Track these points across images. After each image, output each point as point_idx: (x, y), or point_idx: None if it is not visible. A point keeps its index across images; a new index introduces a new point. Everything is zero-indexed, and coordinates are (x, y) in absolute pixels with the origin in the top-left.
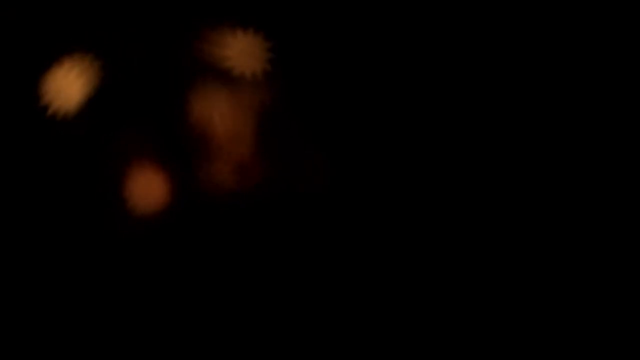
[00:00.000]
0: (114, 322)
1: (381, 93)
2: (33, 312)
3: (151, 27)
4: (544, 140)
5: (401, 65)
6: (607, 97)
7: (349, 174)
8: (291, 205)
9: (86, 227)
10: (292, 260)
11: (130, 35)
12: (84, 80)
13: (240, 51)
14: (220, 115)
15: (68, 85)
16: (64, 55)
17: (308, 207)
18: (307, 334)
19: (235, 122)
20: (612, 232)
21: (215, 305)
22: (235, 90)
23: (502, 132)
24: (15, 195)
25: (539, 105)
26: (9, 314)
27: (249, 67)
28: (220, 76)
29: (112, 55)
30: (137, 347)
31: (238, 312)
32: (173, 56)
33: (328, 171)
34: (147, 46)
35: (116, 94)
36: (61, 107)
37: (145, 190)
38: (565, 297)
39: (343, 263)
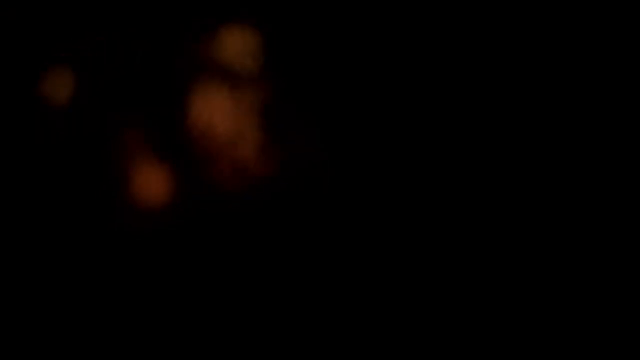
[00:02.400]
0: (115, 320)
1: (382, 91)
2: (34, 310)
3: (151, 27)
4: (544, 140)
5: (401, 63)
6: (607, 97)
7: (350, 172)
8: (292, 204)
9: (87, 225)
10: (293, 259)
11: (131, 35)
12: (85, 79)
13: (240, 50)
14: (220, 114)
15: (68, 84)
16: (65, 54)
17: (309, 206)
18: (308, 334)
19: (236, 121)
20: (612, 232)
21: (216, 303)
22: (236, 89)
23: (502, 130)
24: (16, 193)
25: (538, 105)
26: (10, 312)
27: (249, 66)
28: (220, 75)
29: (112, 55)
30: (138, 345)
31: (239, 311)
32: (173, 56)
33: (329, 169)
34: (147, 46)
35: (116, 94)
36: (61, 106)
37: (146, 190)
38: (565, 298)
39: (344, 262)
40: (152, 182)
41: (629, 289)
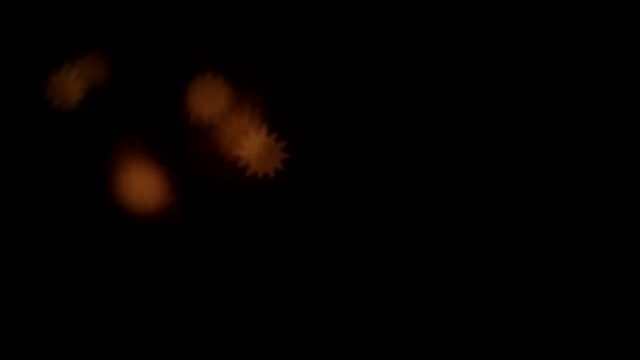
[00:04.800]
0: (113, 322)
1: (383, 91)
2: (33, 312)
3: (151, 27)
4: (544, 141)
5: (402, 63)
6: (607, 98)
7: (352, 172)
8: (293, 204)
9: (85, 225)
10: (293, 260)
11: (131, 34)
12: (84, 79)
13: (241, 50)
14: (221, 114)
15: (68, 85)
16: (65, 54)
17: (310, 206)
18: (309, 333)
19: (237, 121)
20: (612, 232)
21: (216, 303)
22: (237, 89)
23: (502, 131)
24: (15, 193)
25: (538, 105)
26: (9, 313)
27: (250, 66)
28: (220, 75)
29: (112, 55)
30: (137, 346)
31: (239, 311)
32: (173, 55)
33: (331, 169)
34: (147, 45)
35: (116, 93)
36: (61, 106)
37: (145, 190)
38: (565, 297)
39: (343, 261)
40: (152, 182)
41: (629, 289)
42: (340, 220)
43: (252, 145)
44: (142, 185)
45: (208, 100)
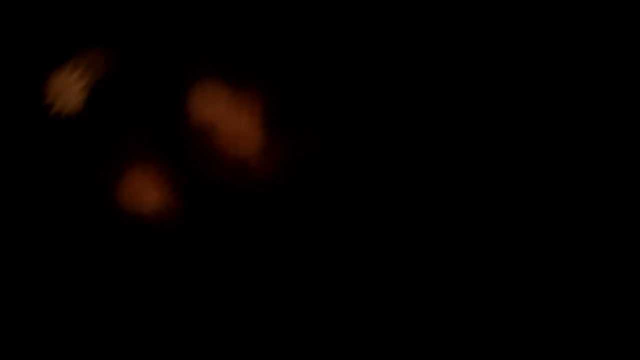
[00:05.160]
0: (113, 323)
1: (384, 91)
2: (32, 312)
3: (152, 28)
4: (544, 140)
5: (402, 63)
6: (607, 97)
7: (353, 172)
8: (293, 204)
9: (85, 227)
10: (294, 260)
11: (132, 35)
12: (86, 80)
13: (241, 50)
14: (222, 114)
15: (70, 85)
16: (66, 55)
17: (311, 207)
18: (309, 333)
19: (236, 122)
20: (612, 232)
21: (215, 306)
22: (237, 89)
23: (502, 130)
24: (15, 195)
25: (538, 105)
26: (8, 314)
27: (250, 66)
28: (220, 76)
29: (113, 55)
30: (137, 347)
31: (239, 313)
32: (174, 56)
33: (331, 170)
34: (148, 46)
35: (117, 94)
36: (62, 107)
37: (146, 191)
38: (565, 297)
39: (344, 263)
40: (152, 183)
41: (629, 289)
42: (340, 220)
43: (251, 145)
44: (141, 185)
45: (208, 100)
